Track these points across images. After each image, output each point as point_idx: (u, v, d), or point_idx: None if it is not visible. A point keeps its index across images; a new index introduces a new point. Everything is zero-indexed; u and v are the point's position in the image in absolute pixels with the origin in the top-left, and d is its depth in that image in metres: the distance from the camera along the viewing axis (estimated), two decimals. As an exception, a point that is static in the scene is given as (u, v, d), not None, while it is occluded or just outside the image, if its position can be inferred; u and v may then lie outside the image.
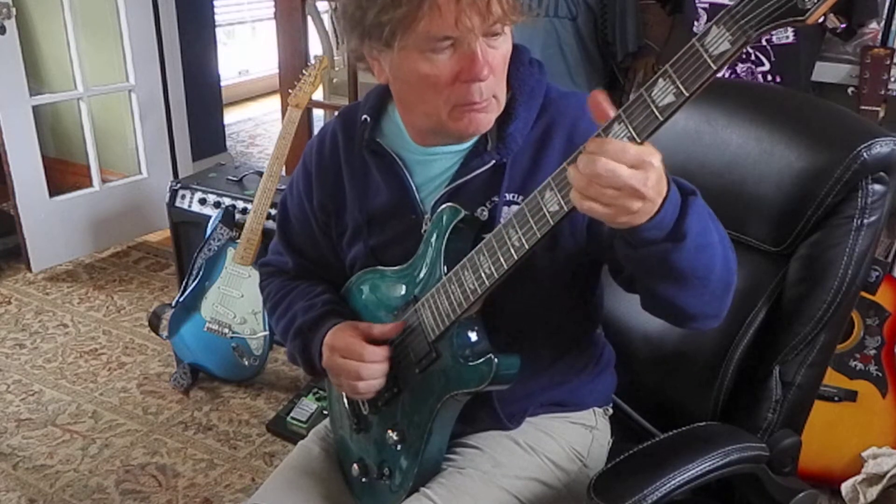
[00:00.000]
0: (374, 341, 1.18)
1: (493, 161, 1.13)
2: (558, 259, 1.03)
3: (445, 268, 1.11)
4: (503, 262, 1.02)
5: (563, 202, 0.94)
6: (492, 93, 1.08)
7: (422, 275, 1.16)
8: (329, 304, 1.27)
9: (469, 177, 1.14)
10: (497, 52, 1.06)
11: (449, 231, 1.12)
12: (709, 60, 0.81)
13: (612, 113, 0.87)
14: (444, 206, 1.13)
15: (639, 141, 0.86)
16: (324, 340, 1.21)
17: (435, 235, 1.14)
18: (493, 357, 1.09)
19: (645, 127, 0.85)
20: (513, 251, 1.00)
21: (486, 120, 1.11)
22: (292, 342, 1.28)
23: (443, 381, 1.14)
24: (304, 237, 1.33)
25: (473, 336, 1.12)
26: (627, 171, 0.84)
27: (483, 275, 1.04)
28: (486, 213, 1.14)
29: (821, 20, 0.77)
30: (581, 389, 1.31)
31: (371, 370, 1.16)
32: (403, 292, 1.19)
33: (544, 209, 0.96)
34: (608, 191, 0.85)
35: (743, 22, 0.79)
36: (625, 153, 0.84)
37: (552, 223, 0.96)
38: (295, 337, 1.27)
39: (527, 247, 0.99)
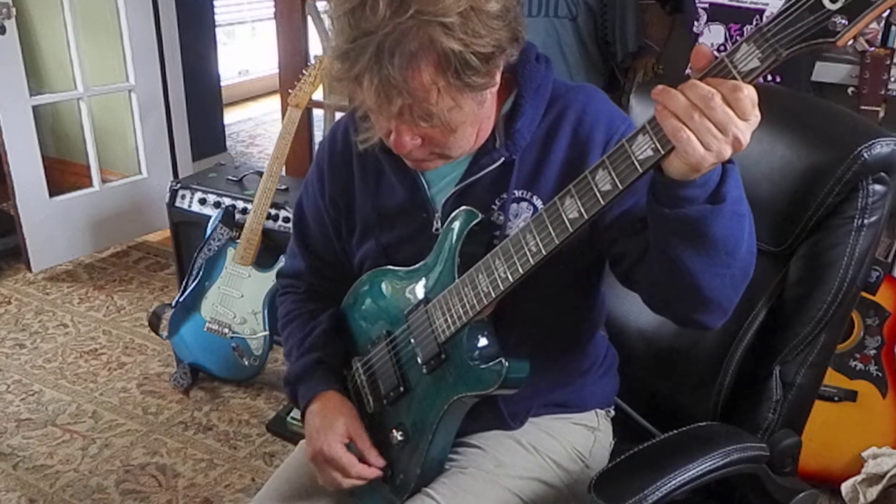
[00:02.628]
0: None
1: (502, 159, 1.14)
2: (562, 256, 1.03)
3: (459, 270, 1.11)
4: (519, 268, 1.02)
5: (582, 210, 0.94)
6: (429, 153, 1.08)
7: (434, 276, 1.16)
8: (315, 352, 1.28)
9: (478, 175, 1.15)
10: (433, 130, 1.04)
11: (465, 234, 1.12)
12: (738, 77, 0.82)
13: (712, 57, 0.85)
14: (460, 208, 1.13)
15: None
16: (308, 415, 1.25)
17: (449, 237, 1.14)
18: (503, 361, 1.09)
19: (667, 142, 0.86)
20: (529, 256, 1.01)
21: (431, 166, 1.12)
22: (285, 387, 1.32)
23: (451, 382, 1.14)
24: (320, 236, 1.34)
25: (484, 339, 1.13)
26: (739, 121, 0.83)
27: (497, 279, 1.04)
28: (502, 217, 1.14)
29: (850, 42, 0.77)
30: (584, 391, 1.32)
31: (351, 483, 1.21)
32: (415, 293, 1.19)
33: (563, 216, 0.96)
34: (713, 129, 0.83)
35: (774, 41, 0.79)
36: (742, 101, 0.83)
37: (571, 230, 0.96)
38: (286, 385, 1.31)
39: (544, 253, 0.99)
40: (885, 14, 2.20)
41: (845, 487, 2.08)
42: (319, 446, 1.20)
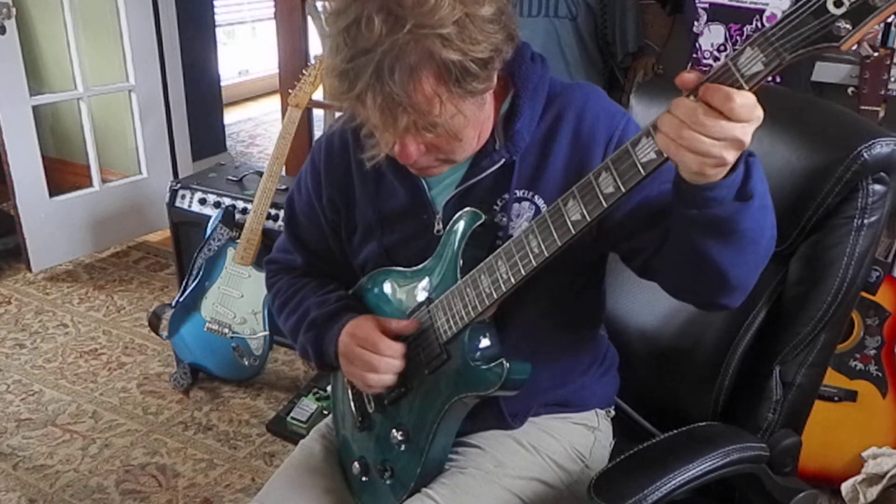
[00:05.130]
0: (392, 337, 1.18)
1: (503, 160, 1.13)
2: (567, 256, 1.03)
3: (461, 271, 1.11)
4: (521, 269, 1.02)
5: (585, 212, 0.94)
6: (434, 159, 1.08)
7: (437, 276, 1.16)
8: (343, 300, 1.27)
9: (479, 177, 1.14)
10: (437, 139, 1.03)
11: (468, 235, 1.12)
12: (741, 80, 0.82)
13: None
14: (464, 210, 1.13)
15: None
16: (343, 329, 1.21)
17: (452, 238, 1.14)
18: (504, 362, 1.09)
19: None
20: (532, 258, 1.01)
21: (436, 172, 1.12)
22: (305, 335, 1.27)
23: (452, 383, 1.14)
24: (314, 234, 1.33)
25: (486, 340, 1.13)
26: (735, 124, 0.83)
27: (500, 279, 1.05)
28: (505, 218, 1.14)
29: (854, 47, 0.78)
30: (584, 391, 1.32)
31: (386, 364, 1.16)
32: (417, 293, 1.19)
33: (566, 218, 0.96)
34: (704, 139, 0.84)
35: (778, 45, 0.80)
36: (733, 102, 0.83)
37: (574, 232, 0.96)
38: (308, 330, 1.27)
39: (546, 254, 0.99)
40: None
41: (845, 487, 2.08)
42: (352, 331, 1.19)
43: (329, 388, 1.44)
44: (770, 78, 0.84)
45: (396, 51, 0.93)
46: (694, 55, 2.41)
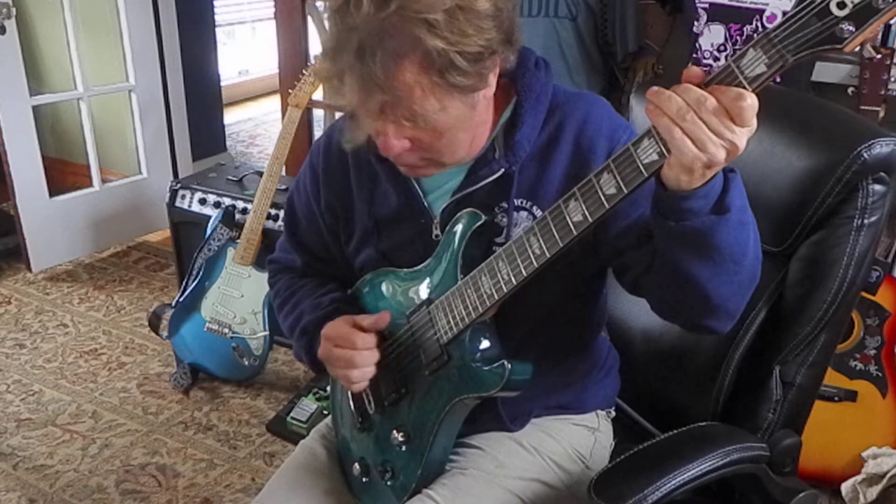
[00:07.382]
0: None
1: (502, 170, 1.12)
2: (565, 263, 1.03)
3: (461, 272, 1.11)
4: (522, 270, 1.01)
5: (587, 213, 0.94)
6: (419, 158, 1.07)
7: (437, 277, 1.16)
8: (335, 303, 1.27)
9: (477, 186, 1.13)
10: (420, 133, 1.02)
11: (468, 236, 1.11)
12: (744, 82, 0.82)
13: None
14: (464, 210, 1.13)
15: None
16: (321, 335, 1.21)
17: (452, 238, 1.13)
18: (506, 363, 1.09)
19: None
20: (533, 259, 1.00)
21: (425, 173, 1.11)
22: (298, 341, 1.28)
23: (453, 384, 1.13)
24: (313, 235, 1.33)
25: (486, 341, 1.12)
26: (736, 126, 0.83)
27: (501, 280, 1.04)
28: (505, 219, 1.13)
29: (857, 49, 0.78)
30: (585, 393, 1.32)
31: (363, 357, 1.15)
32: (417, 294, 1.18)
33: (568, 219, 0.96)
34: (707, 131, 0.83)
35: (781, 46, 0.79)
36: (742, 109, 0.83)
37: (575, 233, 0.96)
38: (301, 336, 1.27)
39: (548, 255, 0.99)
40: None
41: (845, 487, 2.08)
42: (327, 334, 1.19)
43: (329, 389, 1.44)
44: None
45: (380, 30, 0.93)
46: (694, 55, 2.41)
